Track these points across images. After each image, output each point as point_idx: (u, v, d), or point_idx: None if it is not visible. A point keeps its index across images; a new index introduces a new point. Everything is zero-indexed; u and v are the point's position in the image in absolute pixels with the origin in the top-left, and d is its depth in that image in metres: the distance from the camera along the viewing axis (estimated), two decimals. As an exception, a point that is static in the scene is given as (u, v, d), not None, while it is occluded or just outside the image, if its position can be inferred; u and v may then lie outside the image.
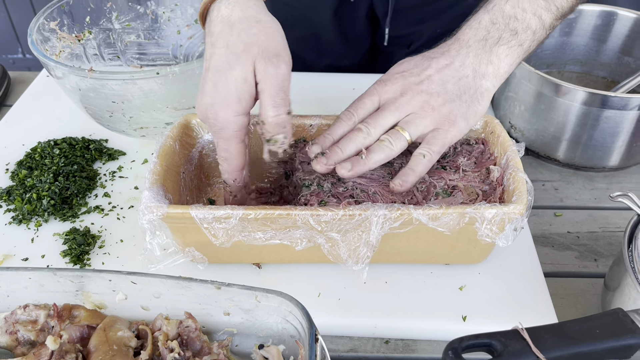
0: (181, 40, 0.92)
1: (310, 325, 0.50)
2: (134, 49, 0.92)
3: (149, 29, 0.91)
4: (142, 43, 0.92)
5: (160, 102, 0.71)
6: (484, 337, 0.45)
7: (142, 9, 0.90)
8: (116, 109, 0.72)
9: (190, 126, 0.68)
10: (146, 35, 0.91)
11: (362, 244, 0.55)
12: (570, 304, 0.63)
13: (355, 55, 1.09)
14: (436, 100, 0.60)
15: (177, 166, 0.65)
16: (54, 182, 0.74)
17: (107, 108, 0.72)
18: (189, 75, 0.69)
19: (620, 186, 0.79)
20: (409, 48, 1.04)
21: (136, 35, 0.91)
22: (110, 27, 0.89)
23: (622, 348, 0.47)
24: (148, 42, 0.92)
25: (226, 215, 0.54)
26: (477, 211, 0.54)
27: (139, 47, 0.92)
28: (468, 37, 0.62)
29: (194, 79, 0.70)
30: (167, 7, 0.90)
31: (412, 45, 1.04)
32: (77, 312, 0.57)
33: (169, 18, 0.91)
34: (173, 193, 0.62)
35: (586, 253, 0.69)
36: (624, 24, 0.88)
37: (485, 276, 0.63)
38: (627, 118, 0.75)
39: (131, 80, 0.67)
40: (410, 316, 0.60)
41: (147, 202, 0.56)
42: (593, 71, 0.95)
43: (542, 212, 0.75)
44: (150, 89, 0.69)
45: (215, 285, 0.55)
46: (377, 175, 0.64)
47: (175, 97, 0.71)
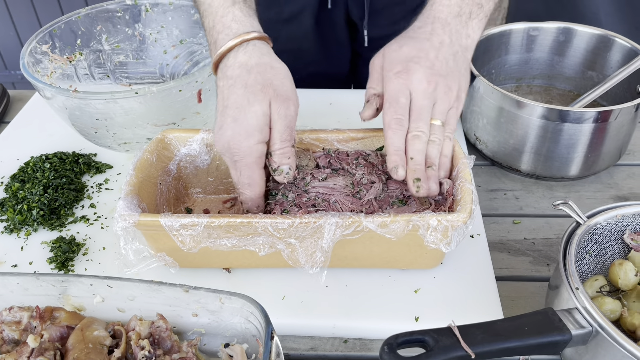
0: (167, 60, 0.98)
1: (267, 324, 0.55)
2: (123, 68, 0.98)
3: (137, 49, 0.97)
4: (131, 63, 0.98)
5: (140, 119, 0.77)
6: (418, 334, 0.50)
7: (130, 31, 0.96)
8: (100, 125, 0.77)
9: (167, 141, 0.73)
10: (134, 56, 0.97)
11: (317, 250, 0.59)
12: (520, 305, 0.67)
13: (337, 62, 1.14)
14: (451, 82, 0.65)
15: (154, 178, 0.70)
16: (43, 194, 0.79)
17: (92, 125, 0.78)
18: (166, 94, 0.75)
19: (578, 195, 0.83)
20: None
21: (125, 56, 0.97)
22: (100, 48, 0.95)
23: (549, 344, 0.51)
24: (136, 62, 0.98)
25: (192, 223, 0.59)
26: (422, 219, 0.58)
27: (128, 66, 0.98)
28: (445, 15, 0.66)
29: (171, 98, 0.76)
30: (153, 29, 0.97)
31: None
32: (57, 313, 0.62)
33: (156, 39, 0.97)
34: (149, 203, 0.67)
35: (540, 258, 0.74)
36: (584, 39, 0.93)
37: (439, 280, 0.68)
38: (582, 131, 0.79)
39: (112, 99, 0.73)
40: (368, 317, 0.64)
41: (121, 210, 0.61)
42: (559, 85, 0.99)
43: (502, 219, 0.79)
44: (131, 107, 0.75)
45: (183, 289, 0.60)
46: (339, 185, 0.69)
47: (155, 114, 0.77)
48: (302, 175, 0.70)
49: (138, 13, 0.96)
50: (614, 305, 0.56)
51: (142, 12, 0.95)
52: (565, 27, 0.93)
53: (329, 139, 0.73)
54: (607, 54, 0.92)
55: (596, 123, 0.78)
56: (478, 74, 0.84)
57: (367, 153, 0.73)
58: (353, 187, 0.69)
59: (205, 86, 0.80)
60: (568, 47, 0.94)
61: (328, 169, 0.72)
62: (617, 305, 0.57)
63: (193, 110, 0.81)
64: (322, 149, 0.74)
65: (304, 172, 0.71)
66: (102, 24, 0.94)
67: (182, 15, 0.96)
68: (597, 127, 0.78)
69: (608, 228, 0.63)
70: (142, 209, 0.63)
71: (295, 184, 0.69)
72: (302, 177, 0.70)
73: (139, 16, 0.96)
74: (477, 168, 0.89)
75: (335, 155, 0.73)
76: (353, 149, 0.74)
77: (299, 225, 0.59)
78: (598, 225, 0.62)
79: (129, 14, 0.95)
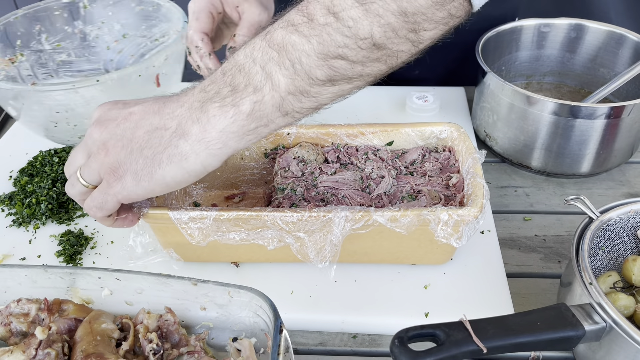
0: (111, 55, 0.98)
1: (275, 317, 0.54)
2: (66, 67, 0.97)
3: (78, 47, 0.97)
4: (74, 61, 0.97)
5: None
6: (429, 328, 0.49)
7: (70, 29, 0.96)
8: (61, 118, 0.77)
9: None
10: (77, 54, 0.97)
11: (327, 244, 0.59)
12: (531, 302, 0.67)
13: None
14: (114, 143, 0.51)
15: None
16: (52, 187, 0.79)
17: (52, 119, 0.78)
18: (126, 81, 0.76)
19: (589, 192, 0.82)
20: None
21: (67, 54, 0.96)
22: (41, 48, 0.95)
23: (562, 340, 0.51)
24: (79, 60, 0.98)
25: (200, 216, 0.59)
26: (433, 214, 0.58)
27: (71, 65, 0.98)
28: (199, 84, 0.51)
29: (130, 84, 0.77)
30: (94, 25, 0.96)
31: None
32: (66, 306, 0.62)
33: (97, 35, 0.97)
34: (158, 197, 0.67)
35: (551, 255, 0.73)
36: (595, 36, 0.92)
37: (449, 276, 0.67)
38: (594, 127, 0.78)
39: (73, 89, 0.73)
40: (377, 312, 0.64)
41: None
42: (570, 82, 0.98)
43: (512, 216, 0.79)
44: (92, 96, 0.75)
45: (191, 282, 0.59)
46: (348, 180, 0.69)
47: None
48: (311, 170, 0.70)
49: (77, 10, 0.95)
50: (627, 301, 0.55)
51: (80, 9, 0.95)
52: (577, 23, 0.92)
53: (338, 134, 0.73)
54: (619, 51, 0.91)
55: (608, 119, 0.77)
56: (489, 69, 0.84)
57: (377, 148, 0.72)
58: (362, 182, 0.69)
59: (162, 70, 0.80)
60: (579, 43, 0.93)
61: (337, 164, 0.71)
62: (631, 301, 0.56)
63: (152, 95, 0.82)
64: (331, 144, 0.74)
65: (312, 167, 0.70)
66: (40, 23, 0.93)
67: (122, 10, 0.96)
68: (609, 123, 0.77)
69: (621, 224, 0.62)
70: (151, 203, 0.63)
71: (303, 179, 0.69)
72: (310, 172, 0.70)
73: (78, 13, 0.95)
74: (487, 165, 0.88)
75: (345, 150, 0.73)
76: (362, 144, 0.73)
77: (308, 218, 0.58)
78: (611, 220, 0.61)
79: (67, 11, 0.94)
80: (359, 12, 0.44)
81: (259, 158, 0.75)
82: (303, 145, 0.72)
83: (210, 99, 0.49)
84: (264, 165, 0.75)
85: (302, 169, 0.70)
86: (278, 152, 0.74)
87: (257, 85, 0.47)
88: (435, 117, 0.92)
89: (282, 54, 0.46)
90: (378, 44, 0.46)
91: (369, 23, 0.45)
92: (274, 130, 0.50)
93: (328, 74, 0.47)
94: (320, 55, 0.46)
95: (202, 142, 0.49)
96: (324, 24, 0.45)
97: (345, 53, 0.46)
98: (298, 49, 0.46)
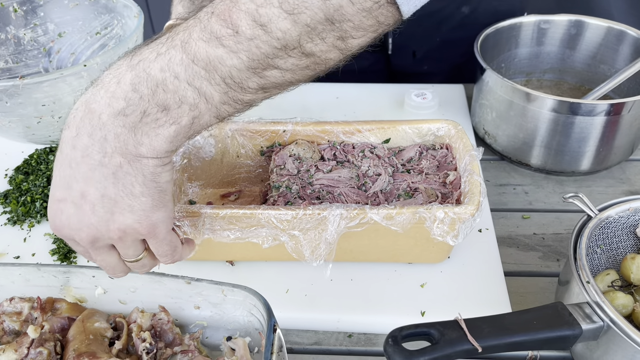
0: (50, 57, 0.97)
1: (269, 316, 0.54)
2: (6, 74, 0.96)
3: (14, 52, 0.95)
4: (12, 67, 0.96)
5: None
6: (424, 327, 0.49)
7: (2, 36, 0.94)
8: (46, 112, 0.77)
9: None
10: (14, 60, 0.96)
11: (321, 242, 0.58)
12: (529, 301, 0.66)
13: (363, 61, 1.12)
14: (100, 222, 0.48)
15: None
16: (47, 186, 0.79)
17: (36, 114, 0.77)
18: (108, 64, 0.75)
19: (589, 190, 0.82)
20: (415, 57, 1.08)
21: (4, 62, 0.95)
22: None
23: (559, 339, 0.50)
24: (17, 66, 0.96)
25: (194, 213, 0.58)
26: (429, 211, 0.57)
27: (11, 71, 0.96)
28: (100, 109, 0.45)
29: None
30: (26, 28, 0.95)
31: (416, 54, 1.08)
32: (59, 305, 0.61)
33: (32, 38, 0.96)
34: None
35: (549, 253, 0.72)
36: (595, 32, 0.91)
37: (446, 274, 0.66)
38: (594, 124, 0.77)
39: (61, 77, 0.74)
40: (372, 311, 0.63)
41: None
42: (570, 79, 0.97)
43: (511, 214, 0.78)
44: (79, 84, 0.76)
45: (185, 280, 0.59)
46: (344, 177, 0.68)
47: None
48: (306, 168, 0.69)
49: (7, 15, 0.93)
50: (626, 300, 0.55)
51: (10, 13, 0.93)
52: (576, 19, 0.92)
53: (335, 131, 0.72)
54: (619, 47, 0.90)
55: (608, 116, 0.76)
56: (487, 66, 0.83)
57: (374, 145, 0.72)
58: (358, 180, 0.68)
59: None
60: (579, 40, 0.92)
61: (333, 161, 0.71)
62: (629, 300, 0.55)
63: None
64: (327, 141, 0.73)
65: (308, 164, 0.70)
66: None
67: (54, 9, 0.95)
68: (609, 120, 0.77)
69: (620, 222, 0.61)
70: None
71: (299, 176, 0.68)
72: (306, 169, 0.69)
73: (9, 18, 0.94)
74: (486, 162, 0.87)
75: (341, 148, 0.72)
76: (359, 141, 0.73)
77: (302, 216, 0.58)
78: (610, 218, 0.61)
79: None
80: (288, 23, 0.43)
81: (254, 156, 0.74)
82: (299, 143, 0.72)
83: (139, 121, 0.45)
84: (260, 163, 0.75)
85: (298, 167, 0.69)
86: (274, 149, 0.73)
87: (192, 103, 0.46)
88: (434, 114, 0.92)
89: (210, 71, 0.45)
90: (307, 53, 0.46)
91: (297, 34, 0.44)
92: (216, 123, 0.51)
93: (260, 83, 0.47)
94: (251, 68, 0.45)
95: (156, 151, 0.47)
96: (251, 37, 0.44)
97: (276, 63, 0.46)
98: (227, 64, 0.45)
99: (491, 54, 0.92)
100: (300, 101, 0.97)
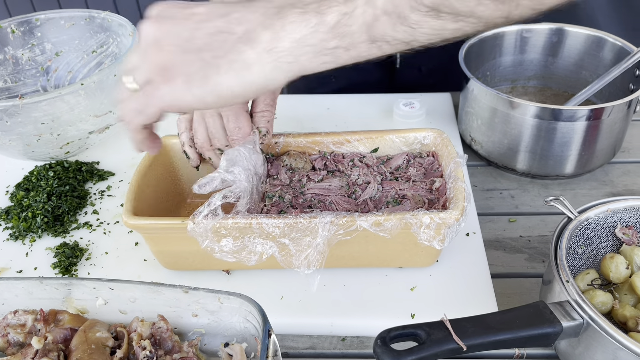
0: (47, 75, 1.00)
1: (264, 322, 0.56)
2: (5, 93, 0.99)
3: (13, 72, 0.99)
4: (11, 87, 0.99)
5: (84, 113, 0.82)
6: (411, 328, 0.51)
7: (1, 56, 0.97)
8: (45, 130, 0.80)
9: (168, 147, 0.75)
10: (12, 79, 0.99)
11: (312, 249, 0.61)
12: (516, 302, 0.68)
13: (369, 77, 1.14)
14: (169, 42, 0.45)
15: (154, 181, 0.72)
16: (47, 201, 0.81)
17: (35, 132, 0.80)
18: (104, 82, 0.81)
19: (573, 192, 0.84)
20: (421, 71, 1.10)
21: (3, 81, 0.98)
22: None
23: (540, 336, 0.52)
24: (16, 85, 0.99)
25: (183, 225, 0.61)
26: (415, 217, 0.60)
27: (10, 91, 0.99)
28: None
29: (108, 84, 0.82)
30: (24, 48, 0.99)
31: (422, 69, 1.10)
32: (61, 316, 0.63)
33: (30, 58, 0.99)
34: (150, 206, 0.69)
35: (535, 255, 0.74)
36: (576, 40, 0.94)
37: (435, 278, 0.69)
38: (576, 129, 0.80)
39: (59, 96, 0.77)
40: (365, 315, 0.65)
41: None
42: (553, 85, 1.00)
43: (498, 218, 0.80)
44: (76, 102, 0.79)
45: (183, 290, 0.61)
46: (335, 186, 0.70)
47: (97, 105, 0.82)
48: (299, 177, 0.72)
49: (5, 36, 0.97)
50: (605, 298, 0.57)
51: (8, 34, 0.97)
52: (557, 27, 0.95)
53: (325, 142, 0.75)
54: (600, 54, 0.93)
55: (589, 121, 0.79)
56: (471, 75, 0.86)
57: (363, 154, 0.74)
58: (349, 188, 0.71)
59: None
60: (561, 47, 0.95)
61: (324, 171, 0.73)
62: (609, 297, 0.57)
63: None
64: (318, 152, 0.75)
65: (300, 174, 0.72)
66: None
67: (51, 29, 0.98)
68: (590, 124, 0.79)
69: (599, 223, 0.64)
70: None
71: (291, 186, 0.71)
72: (298, 179, 0.72)
73: (7, 39, 0.97)
74: (473, 168, 0.90)
75: (332, 158, 0.75)
76: (349, 151, 0.75)
77: (293, 224, 0.60)
78: (589, 220, 0.63)
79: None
80: None
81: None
82: (291, 154, 0.74)
83: (291, 5, 0.41)
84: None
85: (290, 177, 0.72)
86: (267, 160, 0.76)
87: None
88: (422, 123, 0.94)
89: None
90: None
91: None
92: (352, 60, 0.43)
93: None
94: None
95: (271, 53, 0.42)
96: None
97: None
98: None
99: (476, 63, 0.95)
100: (292, 113, 1.00)
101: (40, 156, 0.86)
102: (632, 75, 0.87)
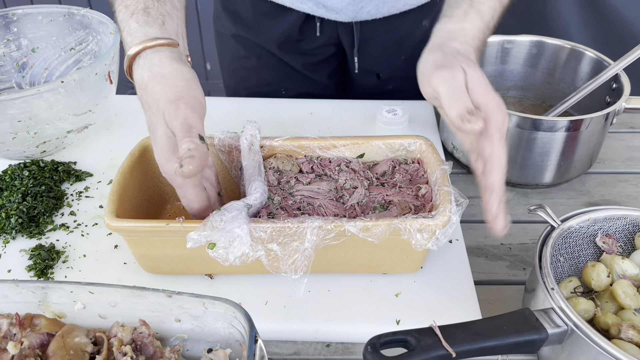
0: (22, 72, 0.98)
1: (251, 327, 0.55)
2: None
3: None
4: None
5: (63, 111, 0.80)
6: (401, 334, 0.51)
7: None
8: (21, 128, 0.78)
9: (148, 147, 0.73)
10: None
11: (299, 254, 0.60)
12: (498, 308, 0.69)
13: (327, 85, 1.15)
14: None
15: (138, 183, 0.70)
16: (22, 201, 0.78)
17: (12, 130, 0.78)
18: (85, 80, 0.79)
19: (552, 201, 0.86)
20: (379, 78, 1.11)
21: None
22: None
23: (527, 343, 0.53)
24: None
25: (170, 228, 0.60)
26: (403, 223, 0.60)
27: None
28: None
29: (89, 83, 0.80)
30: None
31: (381, 76, 1.11)
32: (38, 320, 0.61)
33: (4, 53, 0.97)
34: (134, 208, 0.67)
35: (516, 263, 0.75)
36: (555, 52, 0.96)
37: (420, 284, 0.69)
38: (555, 139, 0.82)
39: (38, 93, 0.75)
40: (350, 321, 0.65)
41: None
42: (532, 96, 1.02)
43: (479, 225, 0.81)
44: (56, 100, 0.77)
45: (166, 294, 0.60)
46: (323, 190, 0.70)
47: (76, 103, 0.80)
48: (287, 179, 0.71)
49: None
50: (587, 305, 0.58)
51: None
52: (537, 40, 0.97)
53: (311, 146, 0.75)
54: (578, 66, 0.95)
55: (568, 132, 0.81)
56: (455, 84, 0.86)
57: (349, 160, 0.74)
58: (337, 192, 0.70)
59: (111, 68, 0.84)
60: (540, 59, 0.97)
61: (312, 174, 0.73)
62: (591, 305, 0.59)
63: (103, 94, 0.86)
64: (304, 156, 0.75)
65: (288, 176, 0.72)
66: None
67: (28, 24, 0.97)
68: (569, 135, 0.81)
69: (581, 232, 0.65)
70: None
71: (280, 187, 0.70)
72: (286, 181, 0.71)
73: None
74: (455, 176, 0.91)
75: (318, 162, 0.74)
76: (335, 156, 0.75)
77: (281, 229, 0.60)
78: (571, 228, 0.64)
79: None
80: None
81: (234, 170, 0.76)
82: (278, 157, 0.74)
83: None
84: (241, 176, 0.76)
85: (278, 178, 0.71)
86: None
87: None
88: (404, 130, 0.95)
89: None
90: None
91: None
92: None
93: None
94: None
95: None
96: None
97: None
98: None
99: (458, 72, 0.96)
100: (275, 117, 0.99)
101: (15, 155, 0.83)
102: (609, 88, 0.89)
